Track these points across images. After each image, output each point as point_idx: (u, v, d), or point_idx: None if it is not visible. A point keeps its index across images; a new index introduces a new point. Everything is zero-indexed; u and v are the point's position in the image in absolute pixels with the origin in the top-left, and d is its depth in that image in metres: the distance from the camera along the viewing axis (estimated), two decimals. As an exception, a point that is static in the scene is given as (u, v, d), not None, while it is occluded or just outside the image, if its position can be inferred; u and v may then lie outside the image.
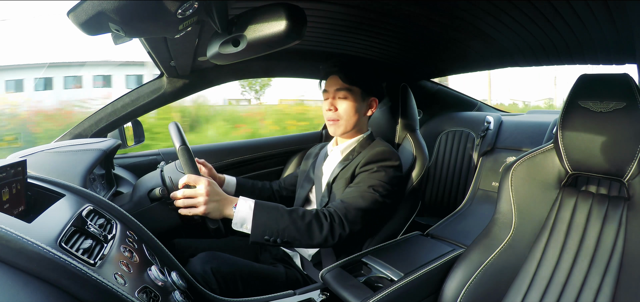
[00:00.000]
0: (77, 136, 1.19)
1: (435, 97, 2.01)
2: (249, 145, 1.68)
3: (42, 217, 0.59)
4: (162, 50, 0.96)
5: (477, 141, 1.69)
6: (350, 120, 1.07)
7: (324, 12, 0.98)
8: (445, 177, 1.80)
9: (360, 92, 1.07)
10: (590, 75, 0.76)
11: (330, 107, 1.07)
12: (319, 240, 0.89)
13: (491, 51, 1.30)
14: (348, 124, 1.08)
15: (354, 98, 1.06)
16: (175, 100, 1.31)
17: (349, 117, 1.07)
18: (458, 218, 1.46)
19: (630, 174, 0.70)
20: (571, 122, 0.75)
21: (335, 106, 1.07)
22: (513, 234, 0.80)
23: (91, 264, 0.54)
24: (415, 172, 1.15)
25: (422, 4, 0.92)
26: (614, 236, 0.71)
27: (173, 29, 0.61)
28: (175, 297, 0.66)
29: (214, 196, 0.84)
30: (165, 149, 1.50)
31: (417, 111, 1.30)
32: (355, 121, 1.08)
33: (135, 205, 0.98)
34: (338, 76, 1.06)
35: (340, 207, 0.93)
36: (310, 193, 1.17)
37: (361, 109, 1.09)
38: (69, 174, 0.89)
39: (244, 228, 0.86)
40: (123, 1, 0.48)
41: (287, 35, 0.60)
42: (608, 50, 1.10)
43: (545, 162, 0.81)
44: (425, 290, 0.86)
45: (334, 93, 1.07)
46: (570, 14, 0.87)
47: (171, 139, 0.94)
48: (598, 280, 0.70)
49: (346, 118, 1.07)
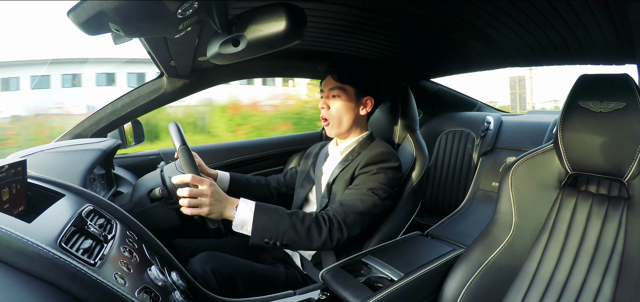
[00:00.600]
0: (77, 136, 1.20)
1: (435, 97, 2.01)
2: (249, 145, 1.68)
3: (42, 217, 0.59)
4: (162, 50, 0.96)
5: (477, 141, 1.69)
6: (341, 119, 1.07)
7: (324, 12, 0.98)
8: (445, 177, 1.80)
9: (353, 91, 1.07)
10: (590, 76, 0.76)
11: (322, 106, 1.08)
12: (317, 244, 0.90)
13: (491, 51, 1.30)
14: (340, 124, 1.08)
15: (347, 97, 1.07)
16: (175, 100, 1.31)
17: (340, 117, 1.07)
18: (458, 218, 1.46)
19: (630, 174, 0.70)
20: (571, 122, 0.75)
21: (327, 104, 1.08)
22: (513, 234, 0.80)
23: (91, 264, 0.54)
24: (415, 173, 1.15)
25: (422, 4, 0.92)
26: (614, 236, 0.71)
27: (173, 29, 0.61)
28: (175, 297, 0.66)
29: (216, 196, 0.84)
30: (165, 149, 1.50)
31: (417, 111, 1.30)
32: (349, 121, 1.08)
33: (135, 205, 0.98)
34: (331, 76, 1.07)
35: (340, 211, 0.94)
36: (310, 193, 1.17)
37: (354, 108, 1.08)
38: (69, 174, 0.89)
39: (244, 230, 0.86)
40: (123, 1, 0.48)
41: (287, 35, 0.60)
42: (608, 50, 1.10)
43: (545, 162, 0.81)
44: (425, 290, 0.86)
45: (328, 92, 1.08)
46: (570, 14, 0.87)
47: (171, 139, 0.94)
48: (598, 280, 0.70)
49: (337, 117, 1.07)
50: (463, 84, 30.81)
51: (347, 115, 1.07)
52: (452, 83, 2.13)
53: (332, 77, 1.07)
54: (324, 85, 1.10)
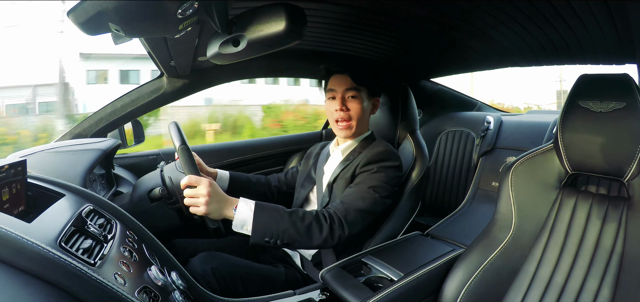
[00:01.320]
0: (77, 136, 1.19)
1: (435, 97, 2.01)
2: (249, 145, 1.68)
3: (42, 217, 0.59)
4: (162, 50, 0.96)
5: (477, 141, 1.69)
6: (361, 120, 1.08)
7: (324, 12, 0.98)
8: (445, 177, 1.80)
9: (367, 92, 1.08)
10: (590, 75, 0.76)
11: (341, 107, 1.06)
12: (318, 242, 0.89)
13: (491, 51, 1.30)
14: (359, 125, 1.08)
15: (362, 99, 1.07)
16: (175, 100, 1.31)
17: (360, 118, 1.07)
18: (458, 218, 1.47)
19: (630, 174, 0.70)
20: (571, 122, 0.75)
21: (346, 106, 1.06)
22: (513, 234, 0.80)
23: (91, 264, 0.54)
24: (415, 172, 1.15)
25: (422, 3, 0.92)
26: (613, 236, 0.71)
27: (173, 29, 0.61)
28: (175, 297, 0.66)
29: (215, 196, 0.84)
30: (165, 149, 1.50)
31: (417, 111, 1.30)
32: (365, 122, 1.10)
33: (135, 205, 0.98)
34: (348, 76, 1.06)
35: (340, 209, 0.94)
36: (311, 193, 1.17)
37: (368, 109, 1.10)
38: (69, 174, 0.89)
39: (244, 230, 0.86)
40: (123, 1, 0.49)
41: (287, 35, 0.60)
42: (608, 50, 1.10)
43: (545, 162, 0.81)
44: (425, 290, 0.86)
45: (343, 93, 1.06)
46: (570, 14, 0.87)
47: (171, 139, 0.94)
48: (598, 280, 0.70)
49: (358, 119, 1.07)
50: (505, 92, 30.56)
51: (364, 117, 1.09)
52: (498, 89, 2.11)
53: (350, 77, 1.06)
54: (335, 85, 1.07)
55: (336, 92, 1.07)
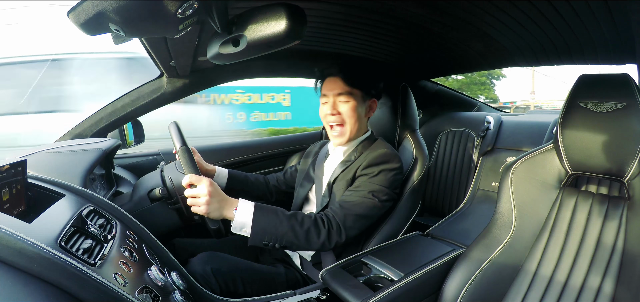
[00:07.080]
0: (77, 136, 1.19)
1: (435, 97, 2.01)
2: (249, 145, 1.68)
3: (42, 218, 0.59)
4: (162, 50, 0.96)
5: (477, 141, 1.69)
6: (354, 124, 1.05)
7: (324, 12, 0.98)
8: (445, 177, 1.80)
9: (361, 94, 1.06)
10: (590, 75, 0.76)
11: (332, 110, 1.04)
12: (316, 246, 0.90)
13: (491, 51, 1.30)
14: (352, 129, 1.05)
15: (356, 101, 1.04)
16: (175, 100, 1.31)
17: (353, 121, 1.04)
18: (458, 218, 1.46)
19: (630, 174, 0.70)
20: (571, 122, 0.75)
21: (337, 109, 1.04)
22: (513, 234, 0.80)
23: (91, 264, 0.54)
24: (415, 172, 1.15)
25: (422, 3, 0.92)
26: (614, 235, 0.71)
27: (173, 29, 0.61)
28: (175, 297, 0.66)
29: (215, 196, 0.84)
30: (165, 149, 1.50)
31: (417, 111, 1.30)
32: (359, 125, 1.07)
33: (135, 205, 0.98)
34: (340, 78, 1.04)
35: (339, 213, 0.93)
36: (310, 192, 1.17)
37: (362, 111, 1.07)
38: (69, 174, 0.89)
39: (244, 232, 0.86)
40: (123, 1, 0.48)
41: (287, 35, 0.60)
42: (608, 50, 1.10)
43: (546, 162, 0.81)
44: (425, 290, 0.86)
45: (335, 96, 1.05)
46: (570, 14, 0.87)
47: (171, 139, 0.94)
48: (598, 279, 0.70)
49: (350, 122, 1.04)
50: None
51: (358, 120, 1.05)
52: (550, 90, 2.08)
53: (341, 79, 1.03)
54: (327, 89, 1.06)
55: (328, 96, 1.06)
